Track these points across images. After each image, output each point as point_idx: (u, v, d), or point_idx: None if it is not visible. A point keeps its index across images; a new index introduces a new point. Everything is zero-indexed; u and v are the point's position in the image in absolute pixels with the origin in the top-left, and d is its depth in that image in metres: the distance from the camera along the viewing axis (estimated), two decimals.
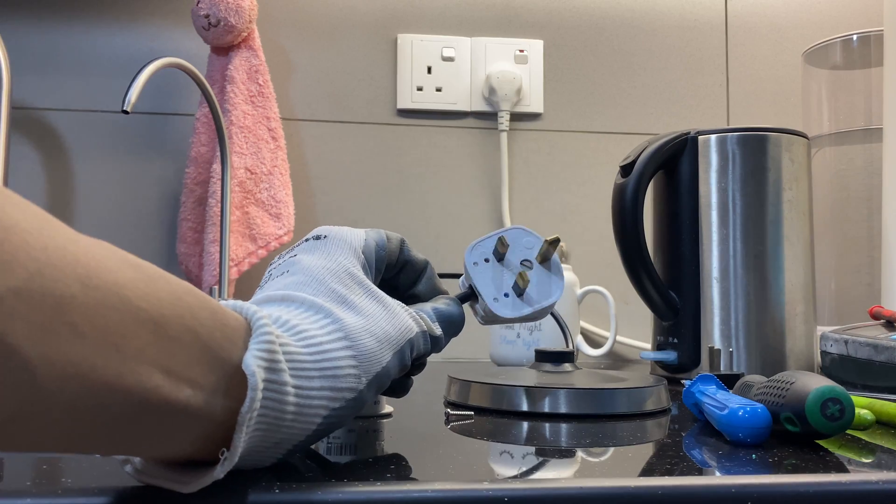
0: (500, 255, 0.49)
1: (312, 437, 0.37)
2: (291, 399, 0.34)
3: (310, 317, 0.37)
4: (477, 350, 1.14)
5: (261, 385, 0.32)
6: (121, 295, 0.27)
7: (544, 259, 0.49)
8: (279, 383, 0.33)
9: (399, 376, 0.42)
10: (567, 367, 0.65)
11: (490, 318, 0.49)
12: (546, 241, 0.48)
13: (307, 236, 0.44)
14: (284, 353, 0.34)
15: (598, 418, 0.55)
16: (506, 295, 0.48)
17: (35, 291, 0.24)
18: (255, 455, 0.34)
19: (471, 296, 0.49)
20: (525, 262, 0.49)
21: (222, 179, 1.01)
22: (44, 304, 0.24)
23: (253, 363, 0.32)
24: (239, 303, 0.35)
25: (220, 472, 0.31)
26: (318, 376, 0.35)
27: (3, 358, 0.23)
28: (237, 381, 0.32)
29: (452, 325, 0.45)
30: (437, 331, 0.44)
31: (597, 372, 0.68)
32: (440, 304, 0.46)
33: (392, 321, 0.40)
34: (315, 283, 0.40)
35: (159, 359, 0.28)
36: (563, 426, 0.52)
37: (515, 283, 0.48)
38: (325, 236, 0.43)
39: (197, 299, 0.31)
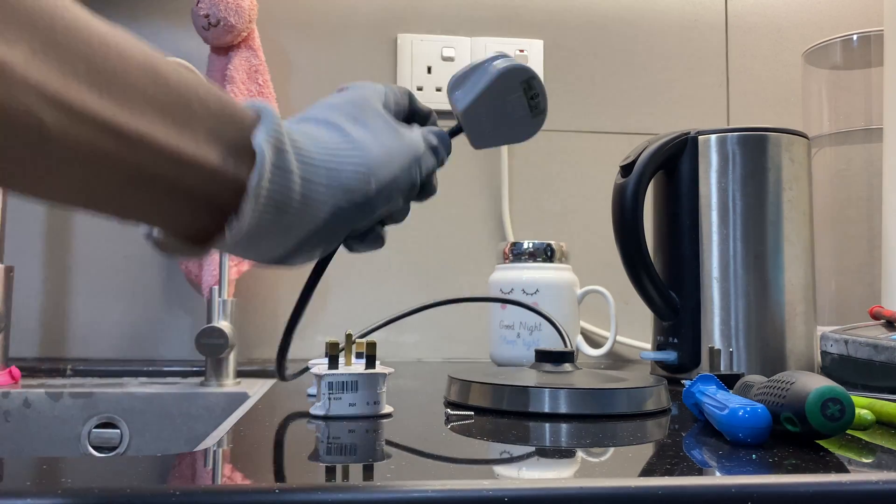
0: None
1: (323, 231, 0.40)
2: (297, 188, 0.37)
3: (322, 129, 0.40)
4: (477, 350, 1.14)
5: (269, 159, 0.35)
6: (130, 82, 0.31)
7: None
8: (285, 169, 0.36)
9: (408, 198, 0.46)
10: (567, 367, 0.65)
11: (467, 119, 0.50)
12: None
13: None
14: (294, 147, 0.37)
15: (599, 418, 0.55)
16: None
17: (58, 43, 0.29)
18: (266, 238, 0.38)
19: (459, 128, 0.51)
20: None
21: None
22: (66, 55, 0.29)
23: (262, 140, 0.35)
24: (253, 100, 0.38)
25: (228, 236, 0.36)
26: (324, 173, 0.38)
27: (20, 98, 0.27)
28: (244, 161, 0.35)
29: (445, 141, 0.48)
30: (435, 140, 0.47)
31: (597, 372, 0.68)
32: (431, 126, 0.50)
33: (401, 139, 0.43)
34: (331, 108, 0.43)
35: (168, 137, 0.32)
36: (564, 426, 0.52)
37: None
38: (348, 87, 0.46)
39: (207, 91, 0.35)
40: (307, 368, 0.64)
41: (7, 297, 0.92)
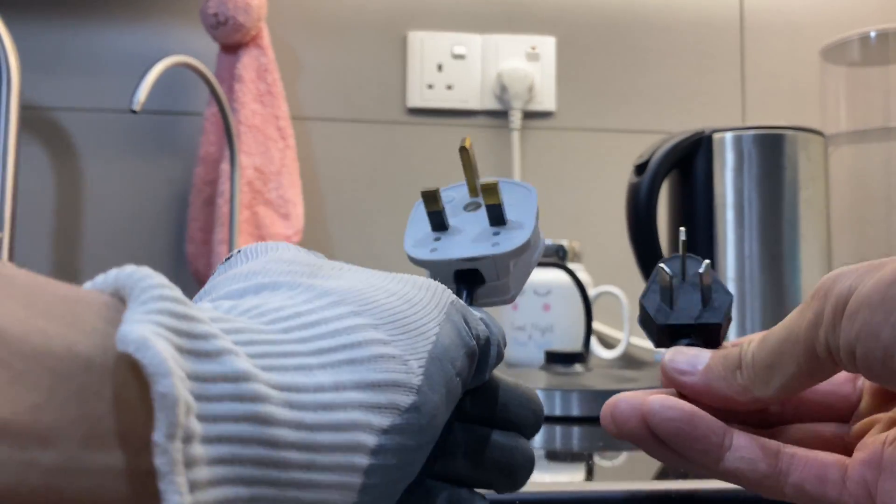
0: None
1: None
2: (279, 412, 0.18)
3: (265, 297, 0.23)
4: None
5: (178, 371, 0.17)
6: None
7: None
8: (235, 377, 0.18)
9: (472, 381, 0.27)
10: (578, 367, 0.64)
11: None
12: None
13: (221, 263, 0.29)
14: (228, 329, 0.19)
15: None
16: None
17: None
18: None
19: (468, 274, 0.32)
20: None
21: (231, 179, 1.00)
22: None
23: (141, 331, 0.17)
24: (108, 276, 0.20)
25: None
26: (317, 365, 0.20)
27: None
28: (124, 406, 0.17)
29: (488, 321, 0.29)
30: (477, 313, 0.28)
31: (609, 373, 0.67)
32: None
33: (409, 279, 0.26)
34: (251, 275, 0.25)
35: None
36: (575, 429, 0.51)
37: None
38: (241, 251, 0.28)
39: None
40: None
41: None
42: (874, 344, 0.23)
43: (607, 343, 1.13)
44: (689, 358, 0.28)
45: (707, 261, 0.30)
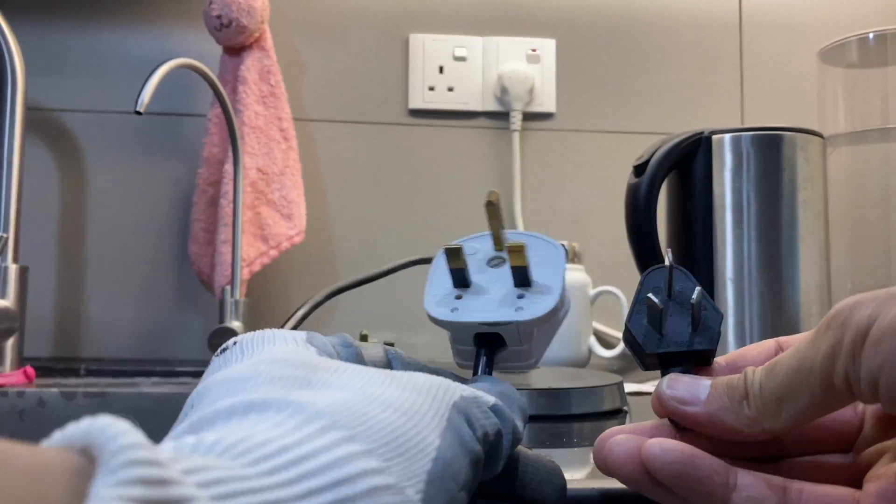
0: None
1: None
2: None
3: (253, 422, 0.21)
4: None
5: None
6: None
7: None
8: None
9: (485, 474, 0.26)
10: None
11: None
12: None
13: (215, 354, 0.29)
14: (207, 482, 0.18)
15: (555, 419, 0.54)
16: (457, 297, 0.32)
17: None
18: None
19: (488, 339, 0.31)
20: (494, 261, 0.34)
21: (234, 180, 1.01)
22: None
23: (107, 496, 0.15)
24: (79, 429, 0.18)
25: None
26: (301, 495, 0.19)
27: None
28: None
29: (508, 395, 0.28)
30: (490, 399, 0.27)
31: (556, 370, 0.68)
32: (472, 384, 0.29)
33: (408, 382, 0.25)
34: (242, 383, 0.24)
35: None
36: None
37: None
38: (236, 342, 0.28)
39: None
40: None
41: (21, 297, 0.92)
42: None
43: (607, 343, 1.14)
44: (687, 386, 0.27)
45: (699, 287, 0.29)
